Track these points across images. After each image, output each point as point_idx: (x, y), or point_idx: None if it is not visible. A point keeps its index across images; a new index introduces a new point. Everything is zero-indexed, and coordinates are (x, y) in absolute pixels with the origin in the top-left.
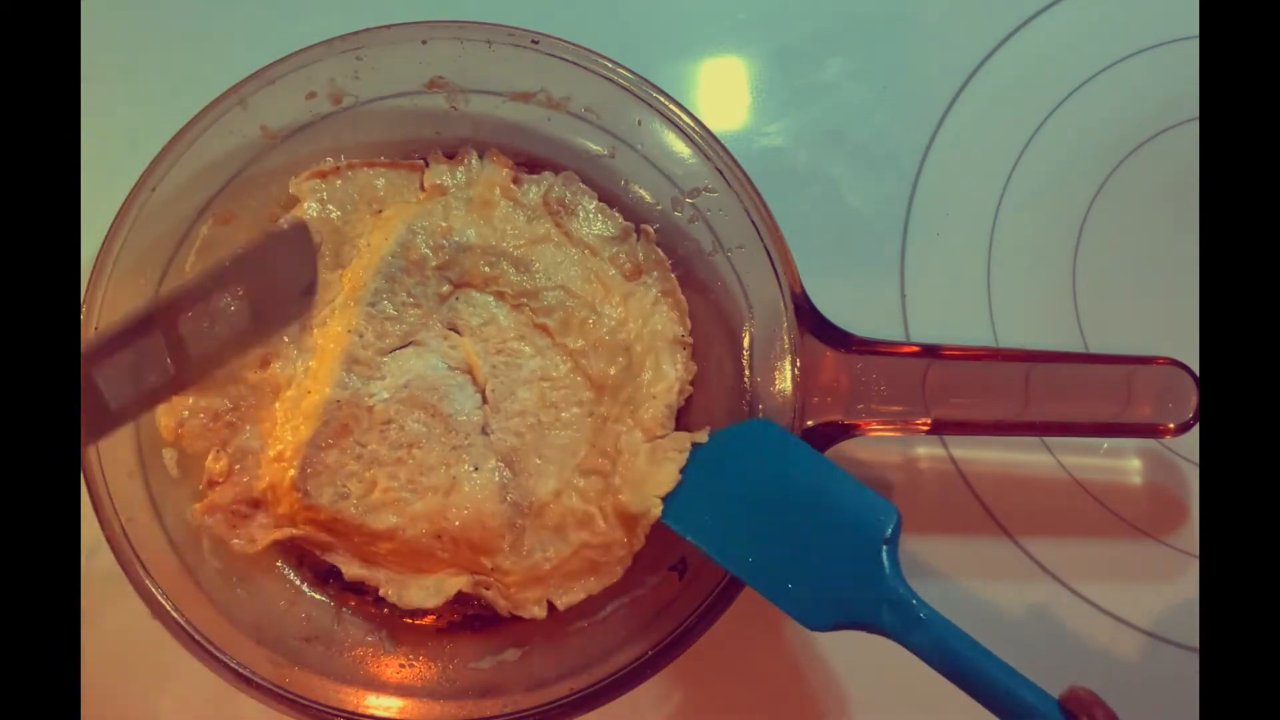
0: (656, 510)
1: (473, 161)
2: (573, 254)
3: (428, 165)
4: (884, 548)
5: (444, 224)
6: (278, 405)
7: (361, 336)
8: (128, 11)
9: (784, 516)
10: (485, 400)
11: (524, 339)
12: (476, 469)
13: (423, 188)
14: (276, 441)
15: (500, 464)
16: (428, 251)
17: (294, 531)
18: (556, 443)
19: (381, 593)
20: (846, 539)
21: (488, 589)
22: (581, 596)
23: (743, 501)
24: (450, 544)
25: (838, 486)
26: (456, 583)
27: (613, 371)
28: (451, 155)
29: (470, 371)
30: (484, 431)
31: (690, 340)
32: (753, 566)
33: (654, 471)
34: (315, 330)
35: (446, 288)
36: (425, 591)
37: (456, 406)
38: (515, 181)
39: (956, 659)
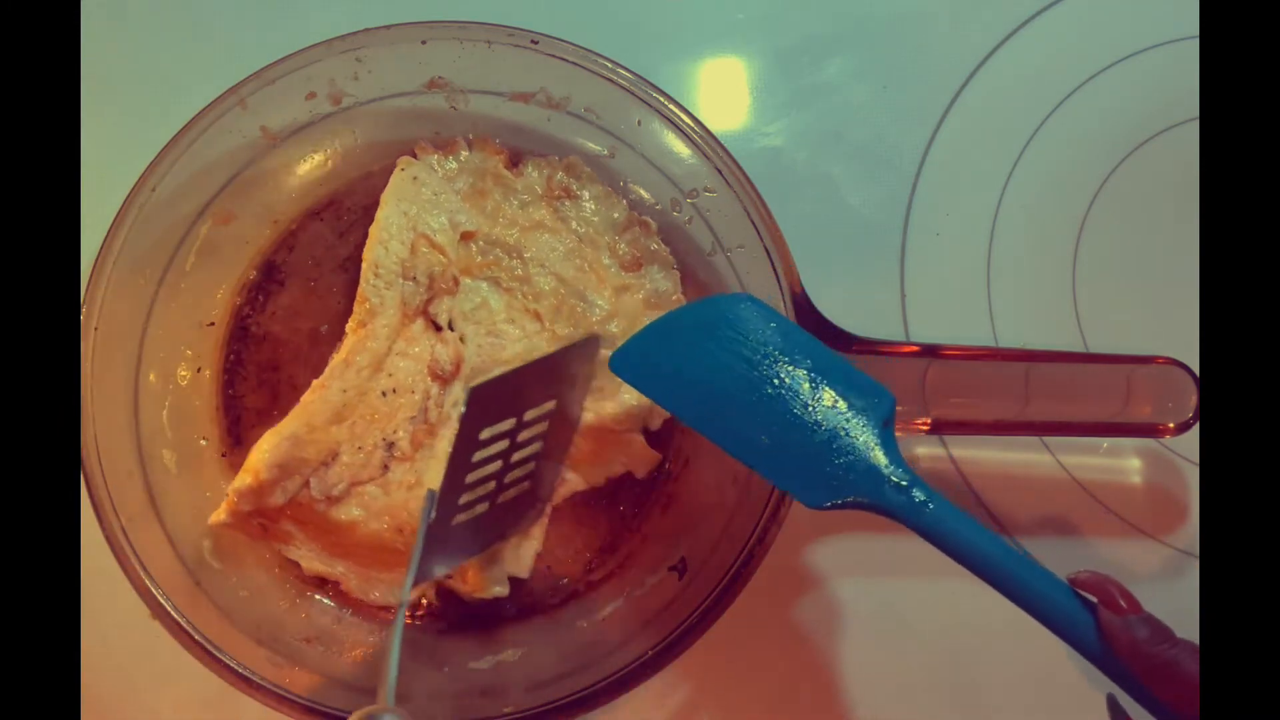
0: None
1: (463, 152)
2: (568, 241)
3: (416, 156)
4: (883, 430)
5: None
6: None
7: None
8: (128, 12)
9: (776, 395)
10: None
11: (514, 322)
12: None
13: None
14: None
15: None
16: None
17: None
18: None
19: (344, 587)
20: (845, 421)
21: (449, 578)
22: (535, 550)
23: (726, 373)
24: (411, 538)
25: (833, 368)
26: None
27: None
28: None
29: (456, 365)
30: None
31: None
32: (743, 441)
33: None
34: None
35: None
36: (389, 587)
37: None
38: (508, 166)
39: (967, 547)
